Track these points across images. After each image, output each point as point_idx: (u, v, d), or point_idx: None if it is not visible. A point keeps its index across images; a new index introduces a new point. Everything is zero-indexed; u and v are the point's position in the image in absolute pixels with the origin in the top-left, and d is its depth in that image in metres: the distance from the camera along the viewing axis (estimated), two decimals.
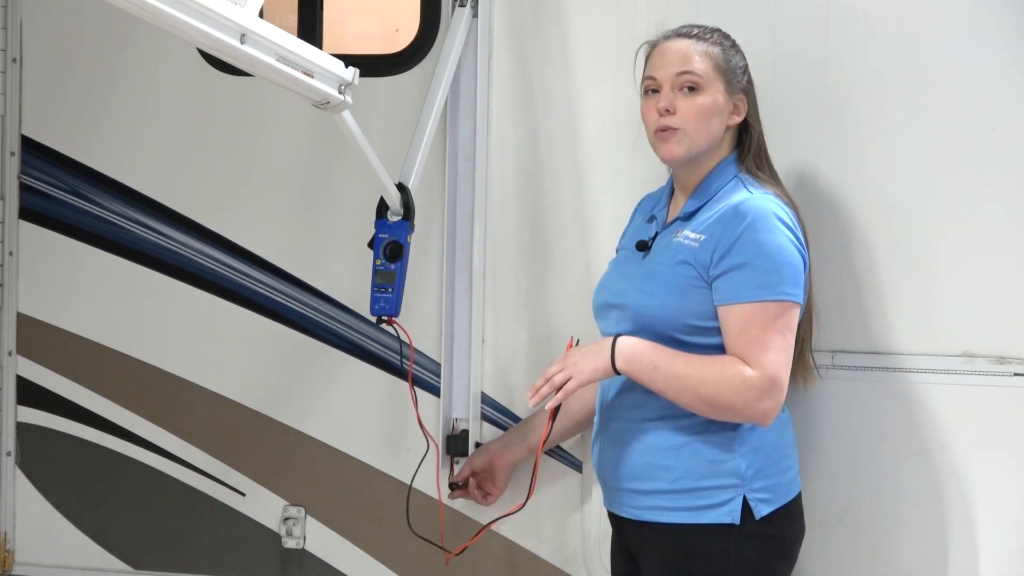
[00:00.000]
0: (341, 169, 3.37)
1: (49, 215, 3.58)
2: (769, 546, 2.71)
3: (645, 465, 2.73)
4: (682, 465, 2.69)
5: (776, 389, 2.61)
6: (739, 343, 2.62)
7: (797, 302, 2.65)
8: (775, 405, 2.62)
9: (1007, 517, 3.03)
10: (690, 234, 2.71)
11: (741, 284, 2.62)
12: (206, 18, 2.25)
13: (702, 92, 2.74)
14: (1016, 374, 3.00)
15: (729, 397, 2.61)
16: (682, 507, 2.69)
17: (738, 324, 2.62)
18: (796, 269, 2.65)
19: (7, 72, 3.58)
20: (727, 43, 2.81)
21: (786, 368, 2.63)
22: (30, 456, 3.63)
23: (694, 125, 2.74)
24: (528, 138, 3.28)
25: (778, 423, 2.74)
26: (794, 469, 2.80)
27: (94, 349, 3.56)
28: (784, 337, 2.62)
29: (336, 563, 3.45)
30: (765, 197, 2.70)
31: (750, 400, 2.60)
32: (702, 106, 2.74)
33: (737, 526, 2.66)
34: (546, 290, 3.27)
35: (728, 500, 2.67)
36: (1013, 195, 3.00)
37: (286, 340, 3.45)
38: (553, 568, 3.31)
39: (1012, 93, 3.00)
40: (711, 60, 2.75)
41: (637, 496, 2.74)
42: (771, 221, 2.65)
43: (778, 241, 2.64)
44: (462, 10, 3.22)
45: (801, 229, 2.74)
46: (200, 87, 3.48)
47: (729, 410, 2.63)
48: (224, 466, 3.51)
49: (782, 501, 2.72)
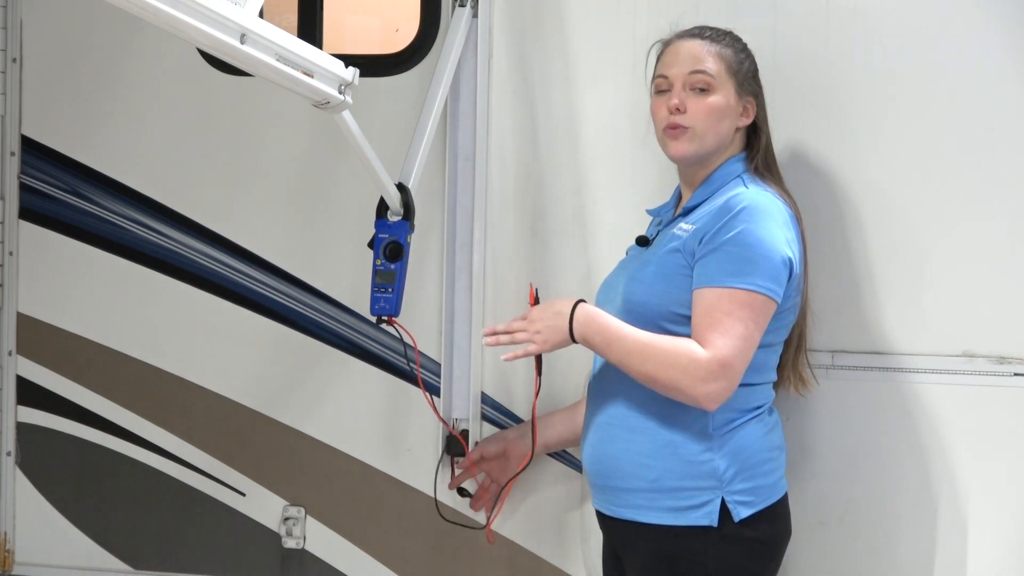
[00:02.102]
0: (341, 169, 3.38)
1: (49, 215, 3.58)
2: (751, 548, 2.68)
3: (627, 463, 2.72)
4: (662, 465, 2.68)
5: (725, 374, 2.58)
6: (701, 325, 2.61)
7: (770, 297, 2.62)
8: (721, 390, 2.59)
9: (1007, 517, 3.02)
10: (685, 225, 2.72)
11: (715, 269, 2.62)
12: (206, 18, 2.25)
13: (713, 92, 2.74)
14: (1016, 374, 3.00)
15: (676, 375, 2.60)
16: (662, 507, 2.68)
17: (704, 307, 2.61)
18: (775, 264, 2.63)
19: (7, 72, 3.59)
20: (739, 46, 2.82)
21: (741, 357, 2.60)
22: (30, 456, 3.63)
23: (704, 124, 2.74)
24: (528, 138, 3.28)
25: (763, 424, 2.74)
26: (779, 471, 2.77)
27: (94, 349, 3.56)
28: (746, 326, 2.60)
29: (336, 563, 3.45)
30: (762, 192, 2.70)
31: (696, 380, 2.58)
32: (712, 106, 2.74)
33: (715, 528, 2.65)
34: (546, 290, 3.27)
35: (706, 502, 2.65)
36: (1013, 195, 3.00)
37: (286, 340, 3.45)
38: (553, 568, 3.31)
39: (1012, 93, 3.00)
40: (723, 61, 2.76)
41: (619, 494, 2.74)
42: (759, 213, 2.64)
43: (760, 233, 2.62)
44: (462, 10, 3.23)
45: (798, 229, 2.73)
46: (200, 87, 3.48)
47: (674, 388, 2.61)
48: (224, 466, 3.51)
49: (764, 504, 2.70)
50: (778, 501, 2.74)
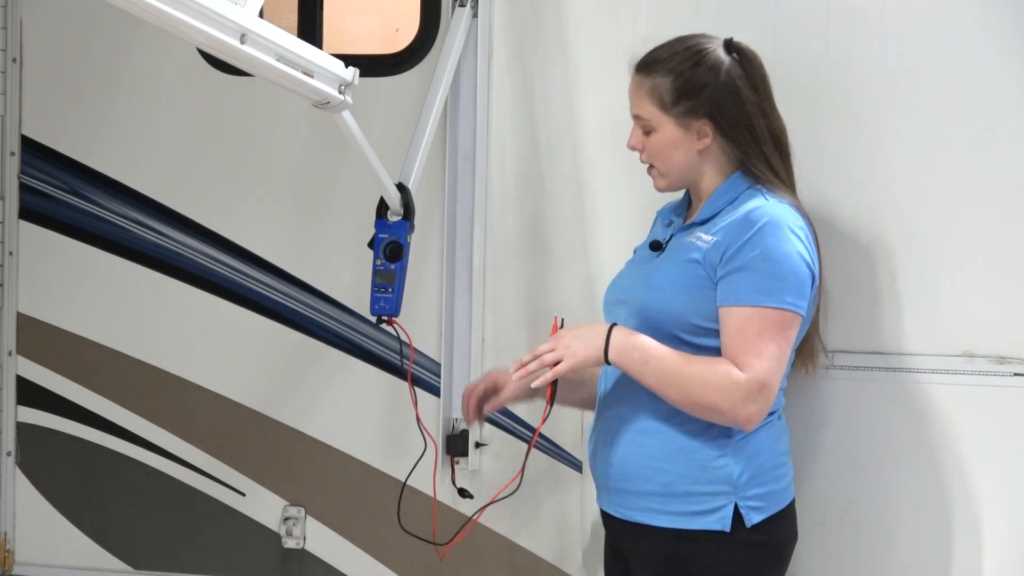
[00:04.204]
0: (341, 169, 3.38)
1: (49, 215, 3.59)
2: (760, 553, 2.68)
3: (638, 466, 2.71)
4: (676, 469, 2.67)
5: (763, 395, 2.59)
6: (733, 345, 2.60)
7: (798, 312, 2.62)
8: (760, 411, 2.60)
9: (1008, 516, 3.02)
10: (703, 235, 2.69)
11: (743, 287, 2.61)
12: (206, 18, 2.25)
13: (654, 131, 2.73)
14: (1016, 374, 3.00)
15: (715, 397, 2.59)
16: (673, 511, 2.67)
17: (735, 326, 2.60)
18: (801, 279, 2.62)
19: (7, 72, 3.59)
20: (685, 64, 2.70)
21: (777, 376, 2.61)
22: (30, 456, 3.63)
23: (660, 161, 2.75)
24: (528, 138, 3.28)
25: (774, 430, 2.73)
26: (788, 477, 2.77)
27: (94, 349, 3.57)
28: (779, 346, 2.60)
29: (336, 563, 3.45)
30: (780, 205, 2.67)
31: (735, 402, 2.58)
32: (657, 144, 2.73)
33: (727, 533, 2.64)
34: (546, 290, 3.27)
35: (720, 507, 2.64)
36: (1013, 195, 2.99)
37: (286, 340, 3.45)
38: (551, 567, 3.31)
39: (1012, 93, 2.99)
40: (655, 98, 2.71)
41: (629, 496, 2.73)
42: (782, 228, 2.62)
43: (786, 249, 2.61)
44: (462, 10, 3.23)
45: (815, 242, 2.71)
46: (200, 87, 3.48)
47: (714, 410, 2.61)
48: (224, 466, 3.51)
49: (774, 509, 2.69)
50: (787, 506, 2.74)
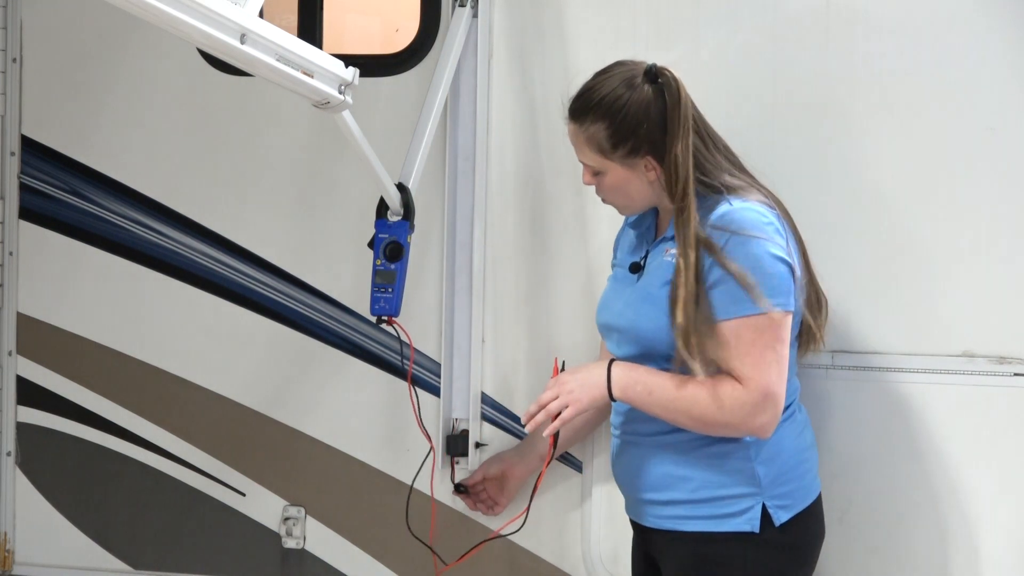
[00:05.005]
0: (341, 169, 3.37)
1: (49, 215, 3.58)
2: (788, 554, 2.71)
3: (664, 475, 2.73)
4: (701, 475, 2.70)
5: (770, 403, 2.60)
6: (730, 361, 2.61)
7: (785, 310, 2.62)
8: (771, 418, 2.62)
9: (1007, 516, 3.03)
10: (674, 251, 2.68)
11: (724, 302, 2.61)
12: (206, 18, 2.25)
13: (603, 174, 2.75)
14: (1016, 374, 3.00)
15: (724, 416, 2.62)
16: (702, 516, 2.69)
17: (727, 341, 2.60)
18: (779, 277, 2.62)
19: (7, 72, 3.59)
20: (616, 107, 2.68)
21: (780, 380, 2.61)
22: (30, 456, 3.63)
23: (614, 199, 2.79)
24: (528, 138, 3.28)
25: (795, 425, 2.75)
26: (813, 471, 2.79)
27: (94, 349, 3.56)
28: (774, 349, 2.61)
29: (336, 563, 3.45)
30: (744, 207, 2.65)
31: (745, 417, 2.61)
32: (610, 185, 2.76)
33: (756, 534, 2.66)
34: (546, 290, 3.27)
35: (747, 508, 2.67)
36: (1013, 195, 3.00)
37: (286, 340, 3.45)
38: (553, 568, 3.31)
39: (1012, 93, 3.00)
40: (595, 144, 2.72)
41: (658, 507, 2.75)
42: (750, 233, 2.61)
43: (756, 252, 2.61)
44: (462, 10, 3.23)
45: (788, 229, 2.70)
46: (200, 87, 3.48)
47: (727, 428, 2.64)
48: (224, 466, 3.51)
49: (801, 506, 2.72)
50: (813, 502, 2.76)
